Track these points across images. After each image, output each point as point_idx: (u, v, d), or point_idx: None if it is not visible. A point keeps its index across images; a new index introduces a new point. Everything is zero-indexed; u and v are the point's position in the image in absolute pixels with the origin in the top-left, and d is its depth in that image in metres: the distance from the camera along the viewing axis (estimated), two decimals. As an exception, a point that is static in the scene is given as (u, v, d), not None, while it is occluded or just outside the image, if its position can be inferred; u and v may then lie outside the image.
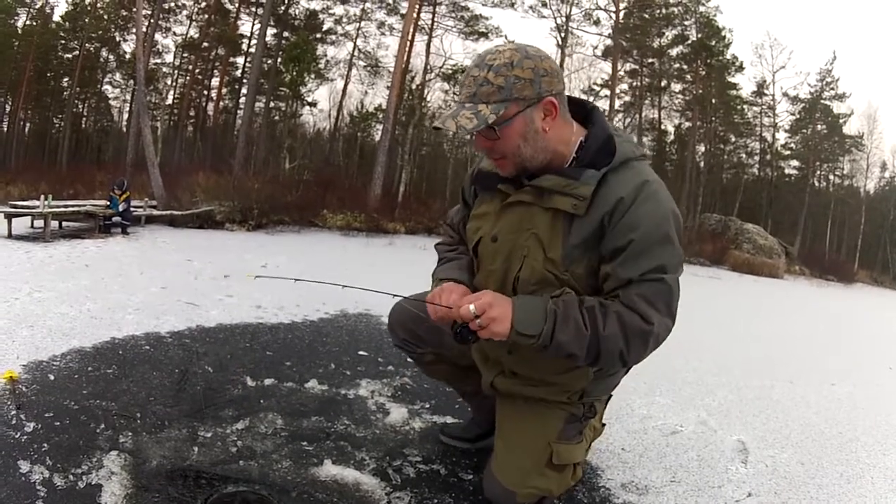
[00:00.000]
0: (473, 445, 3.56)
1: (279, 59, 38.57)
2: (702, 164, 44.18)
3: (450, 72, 40.17)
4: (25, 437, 3.30)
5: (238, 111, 42.85)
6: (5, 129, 42.02)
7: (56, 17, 42.17)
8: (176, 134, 44.15)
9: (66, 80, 42.42)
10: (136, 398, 3.98)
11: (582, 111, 2.51)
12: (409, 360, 3.82)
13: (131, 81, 40.96)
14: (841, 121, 46.42)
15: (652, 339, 2.32)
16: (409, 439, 3.72)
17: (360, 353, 5.50)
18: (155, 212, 18.73)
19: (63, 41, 42.02)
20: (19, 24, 40.55)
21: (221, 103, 45.86)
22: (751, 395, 4.96)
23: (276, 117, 42.77)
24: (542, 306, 2.31)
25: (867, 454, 4.11)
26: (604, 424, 3.09)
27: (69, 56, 42.08)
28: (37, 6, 40.76)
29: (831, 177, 50.50)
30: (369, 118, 44.19)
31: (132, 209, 16.06)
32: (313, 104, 43.45)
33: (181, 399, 4.06)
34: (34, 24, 40.49)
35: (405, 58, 34.22)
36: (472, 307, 2.28)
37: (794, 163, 48.39)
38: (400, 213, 23.81)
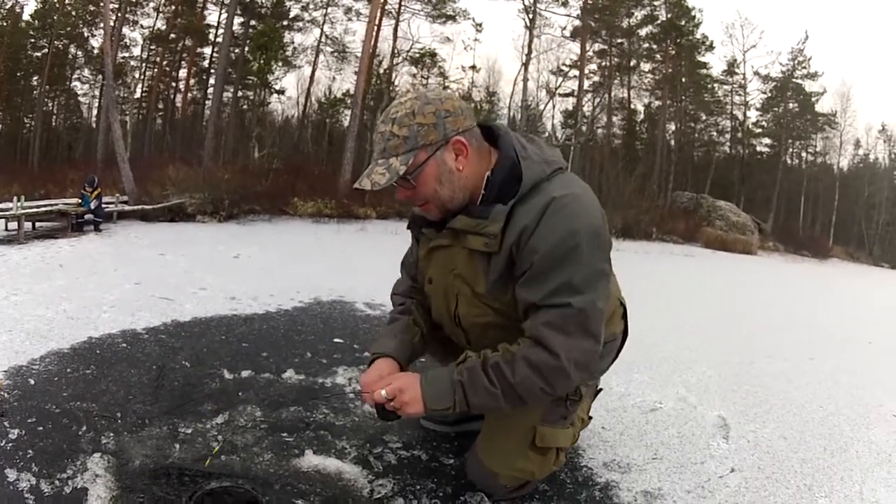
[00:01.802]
0: (454, 429, 3.51)
1: (247, 48, 38.18)
2: (672, 142, 44.21)
3: (417, 55, 40.10)
4: (10, 444, 3.27)
5: (206, 101, 42.19)
6: None
7: (25, 16, 41.58)
8: (145, 127, 43.70)
9: (35, 78, 41.66)
10: (116, 398, 3.96)
11: (493, 136, 2.51)
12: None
13: (100, 77, 40.21)
14: (813, 99, 46.67)
15: (571, 369, 2.29)
16: (389, 426, 3.66)
17: (336, 340, 5.49)
18: (126, 207, 18.64)
19: (32, 39, 41.27)
20: None
21: (190, 94, 45.44)
22: (730, 371, 4.95)
23: (245, 106, 42.48)
24: (448, 380, 2.37)
25: (850, 428, 4.09)
26: (590, 417, 3.13)
27: (38, 55, 41.38)
28: (7, 6, 40.14)
29: (804, 154, 50.79)
30: (338, 104, 43.84)
31: (104, 206, 15.95)
32: (281, 92, 43.27)
33: (160, 396, 4.04)
34: (4, 24, 39.78)
35: (372, 42, 34.04)
36: (383, 392, 2.42)
37: (767, 140, 48.52)
38: (370, 199, 23.49)
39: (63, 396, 3.93)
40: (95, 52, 41.89)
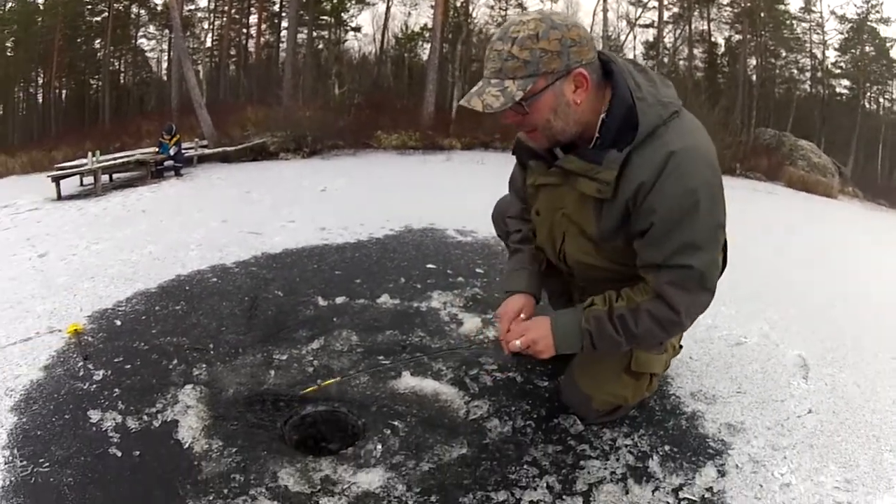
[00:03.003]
0: None
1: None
2: (753, 77, 42.95)
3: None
4: (94, 385, 3.27)
5: (280, 45, 42.58)
6: (41, 100, 42.32)
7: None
8: (218, 74, 44.12)
9: (98, 41, 42.39)
10: (208, 330, 3.95)
11: (606, 68, 2.36)
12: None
13: (166, 31, 40.79)
14: (888, 44, 44.70)
15: (686, 321, 2.43)
16: (484, 348, 3.68)
17: (429, 266, 5.39)
18: (206, 151, 18.79)
19: (90, 6, 41.91)
20: (40, 0, 40.60)
21: (262, 39, 45.64)
22: (809, 312, 4.75)
23: (320, 46, 42.47)
24: (577, 328, 2.47)
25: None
26: (681, 346, 3.15)
27: (98, 19, 42.05)
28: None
29: (881, 100, 48.73)
30: (415, 38, 43.69)
31: (183, 151, 16.09)
32: (357, 29, 43.11)
33: (253, 326, 4.02)
34: None
35: (448, -26, 33.44)
36: (518, 343, 2.54)
37: (845, 82, 46.72)
38: (455, 129, 23.32)
39: (152, 333, 3.93)
40: (159, 8, 42.41)
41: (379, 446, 2.73)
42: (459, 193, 10.63)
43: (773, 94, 44.20)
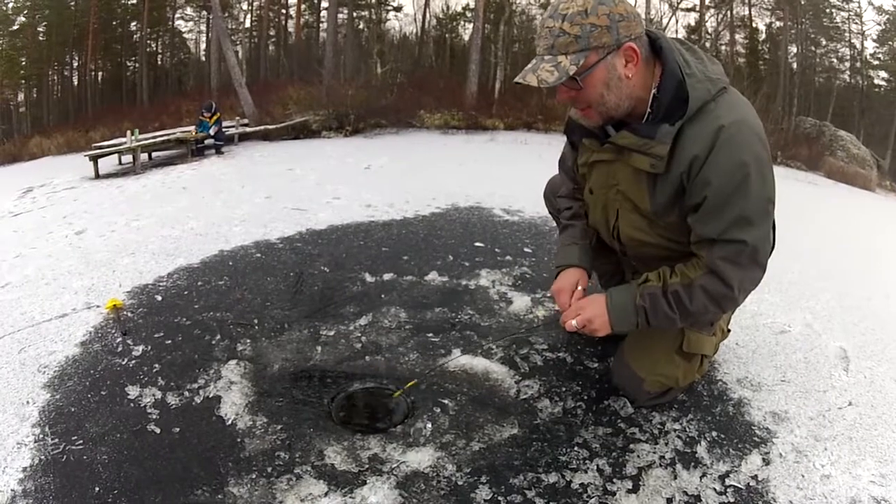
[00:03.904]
0: None
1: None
2: (794, 65, 42.61)
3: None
4: (133, 361, 3.24)
5: (321, 24, 42.73)
6: (76, 82, 42.83)
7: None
8: (258, 55, 44.43)
9: (134, 24, 42.77)
10: (252, 305, 3.92)
11: (655, 46, 2.40)
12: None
13: (204, 13, 41.12)
14: None
15: (739, 296, 2.45)
16: (535, 327, 3.65)
17: (477, 244, 5.32)
18: (248, 129, 18.80)
19: (125, -12, 42.30)
20: None
21: (302, 19, 45.85)
22: (850, 304, 4.69)
23: (361, 26, 42.62)
24: (632, 305, 2.52)
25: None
26: (729, 330, 3.17)
27: (133, 2, 42.38)
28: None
29: None
30: (457, 18, 43.73)
31: (224, 129, 16.10)
32: (398, 9, 43.34)
33: (299, 301, 3.97)
34: None
35: (490, -46, 33.34)
36: (574, 323, 2.58)
37: (883, 74, 46.22)
38: (498, 110, 23.29)
39: (194, 308, 3.89)
40: (195, -11, 42.74)
41: (429, 425, 2.70)
42: (504, 173, 10.59)
43: (814, 83, 44.07)
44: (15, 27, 39.95)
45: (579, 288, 2.74)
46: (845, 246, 7.55)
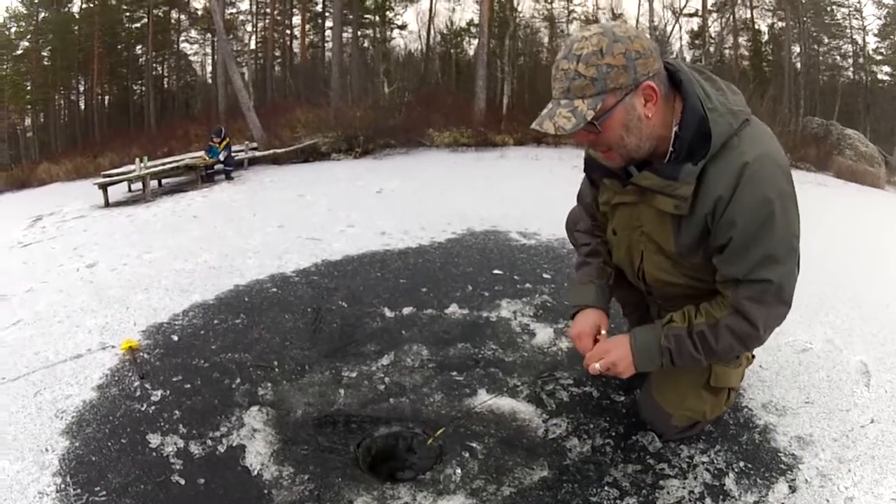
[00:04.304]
0: None
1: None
2: (798, 65, 42.81)
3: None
4: (153, 407, 3.22)
5: (325, 44, 43.24)
6: (83, 107, 43.14)
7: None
8: (264, 76, 44.65)
9: (139, 47, 43.04)
10: (271, 345, 3.89)
11: (673, 77, 2.35)
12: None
13: (209, 35, 41.41)
14: None
15: (764, 335, 2.44)
16: (559, 360, 3.63)
17: (495, 272, 5.30)
18: (257, 153, 18.83)
19: (128, 13, 42.53)
20: (74, 9, 41.35)
21: (307, 39, 46.09)
22: (869, 314, 4.65)
23: (366, 45, 42.83)
24: (657, 347, 2.50)
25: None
26: (754, 356, 3.14)
27: (137, 25, 42.70)
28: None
29: None
30: (462, 34, 43.97)
31: (233, 154, 16.13)
32: (402, 27, 43.69)
33: (318, 340, 3.94)
34: (91, 5, 41.16)
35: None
36: (597, 366, 2.56)
37: (886, 68, 46.36)
38: (506, 126, 23.34)
39: (211, 349, 3.87)
40: (200, 13, 43.03)
41: (458, 470, 2.66)
42: (517, 192, 10.58)
43: (818, 82, 44.30)
44: (19, 52, 40.25)
45: (602, 332, 2.73)
46: (860, 250, 7.47)
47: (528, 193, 10.07)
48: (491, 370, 3.48)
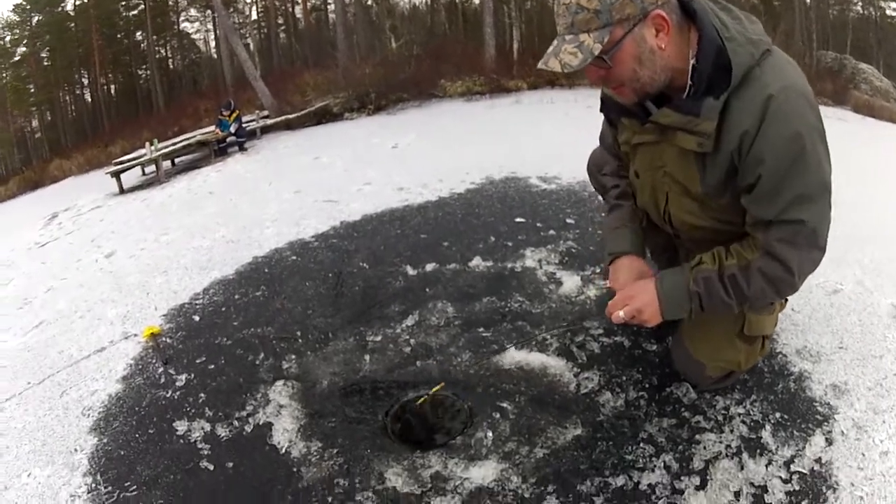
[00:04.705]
0: None
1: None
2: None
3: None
4: (178, 392, 3.19)
5: (328, 6, 43.03)
6: (90, 99, 43.44)
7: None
8: (269, 44, 44.64)
9: (139, 33, 43.11)
10: (293, 315, 3.84)
11: (687, 9, 2.21)
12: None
13: (208, 11, 41.37)
14: None
15: (798, 280, 2.34)
16: (587, 310, 3.53)
17: (517, 220, 5.19)
18: (269, 121, 18.80)
19: (123, 2, 42.51)
20: (69, 7, 41.43)
21: (309, 3, 45.94)
22: None
23: (370, 2, 42.65)
24: (685, 291, 2.38)
25: None
26: (786, 300, 3.05)
27: (135, 12, 42.71)
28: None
29: None
30: (466, -18, 43.61)
31: (244, 125, 16.11)
32: (405, -20, 43.26)
33: (341, 305, 3.88)
34: (86, 0, 41.13)
35: None
36: (621, 314, 2.43)
37: (894, 4, 45.55)
38: (518, 70, 23.06)
39: (234, 326, 3.83)
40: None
41: (489, 433, 2.61)
42: (535, 136, 10.43)
43: (828, 17, 43.79)
44: (17, 58, 40.51)
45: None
46: (886, 188, 7.33)
47: (546, 137, 9.93)
48: (518, 323, 3.41)
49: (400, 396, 2.87)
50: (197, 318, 4.04)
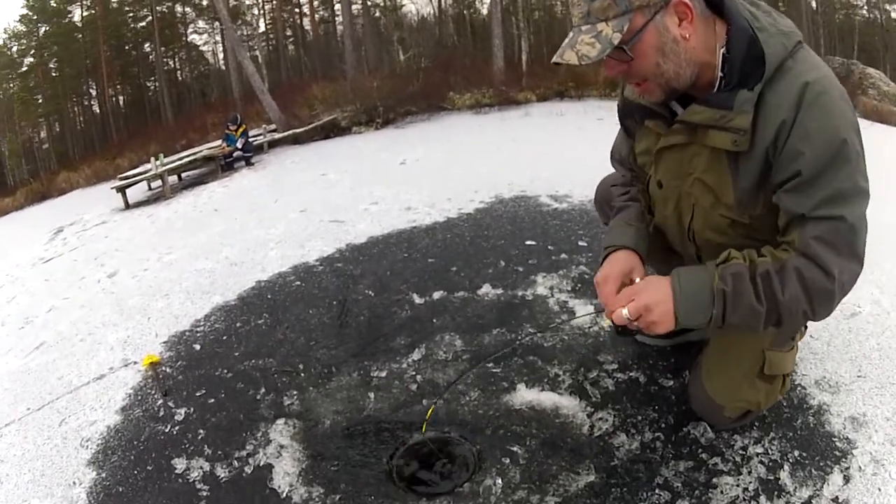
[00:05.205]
0: (670, 342, 3.28)
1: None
2: (814, 3, 42.31)
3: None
4: (177, 427, 3.13)
5: (336, 18, 43.25)
6: (98, 110, 43.87)
7: (115, -3, 43.19)
8: (278, 56, 44.89)
9: (147, 45, 43.40)
10: (296, 346, 3.77)
11: (709, 2, 2.10)
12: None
13: (217, 23, 41.59)
14: None
15: (837, 294, 2.05)
16: (601, 342, 3.41)
17: (528, 242, 5.10)
18: (276, 135, 18.86)
19: (131, 14, 42.78)
20: (76, 18, 41.97)
21: (317, 15, 46.18)
22: None
23: (377, 14, 42.81)
24: (709, 289, 2.07)
25: None
26: (806, 327, 2.88)
27: (143, 24, 43.00)
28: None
29: None
30: (474, -7, 43.78)
31: (251, 140, 16.13)
32: (413, -8, 43.52)
33: (345, 336, 3.81)
34: (93, 11, 41.42)
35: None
36: (625, 312, 2.14)
37: None
38: (528, 82, 23.09)
39: (235, 357, 3.77)
40: (204, 2, 43.23)
41: (499, 480, 2.52)
42: (545, 151, 10.37)
43: (835, 21, 43.92)
44: (24, 69, 40.76)
45: (637, 280, 2.35)
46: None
47: (556, 152, 9.86)
48: (529, 358, 3.31)
49: (405, 438, 2.80)
50: (198, 346, 3.99)
